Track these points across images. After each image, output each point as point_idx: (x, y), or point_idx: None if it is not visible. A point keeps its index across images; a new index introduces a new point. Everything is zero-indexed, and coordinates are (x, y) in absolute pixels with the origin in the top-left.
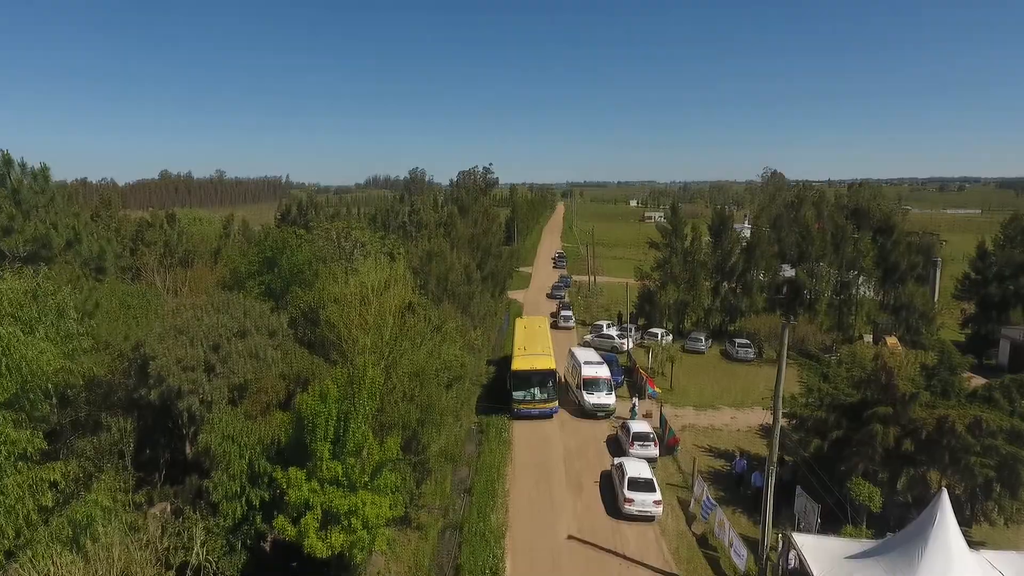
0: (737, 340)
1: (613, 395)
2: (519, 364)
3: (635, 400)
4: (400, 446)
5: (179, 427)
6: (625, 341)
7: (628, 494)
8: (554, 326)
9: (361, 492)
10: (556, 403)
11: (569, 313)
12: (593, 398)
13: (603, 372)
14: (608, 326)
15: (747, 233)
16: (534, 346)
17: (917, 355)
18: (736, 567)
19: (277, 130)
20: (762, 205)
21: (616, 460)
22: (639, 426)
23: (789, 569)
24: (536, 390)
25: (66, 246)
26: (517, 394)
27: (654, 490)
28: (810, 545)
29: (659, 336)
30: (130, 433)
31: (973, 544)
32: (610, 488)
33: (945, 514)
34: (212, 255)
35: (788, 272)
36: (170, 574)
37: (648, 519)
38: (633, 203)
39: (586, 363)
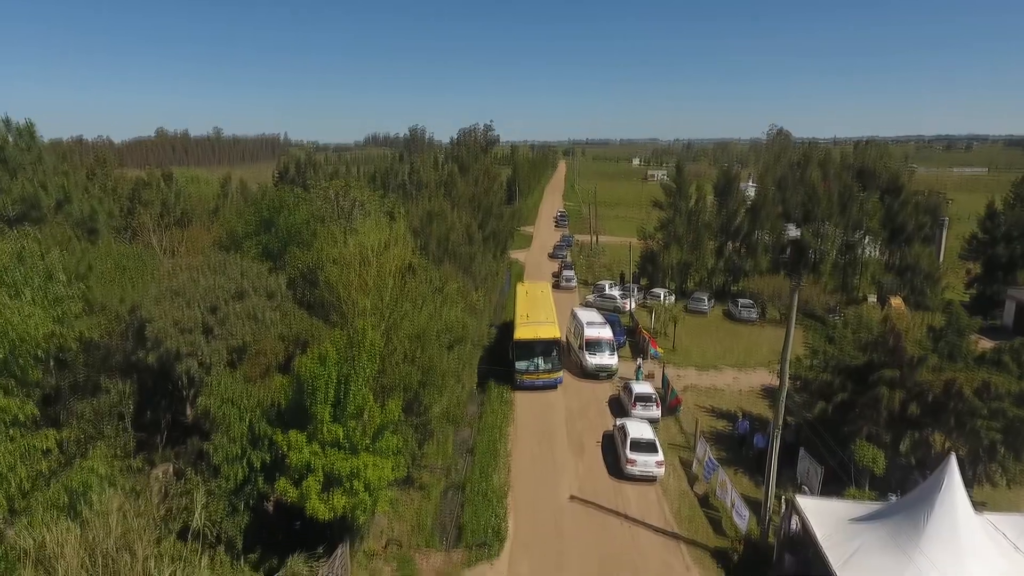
0: (740, 301)
1: (615, 356)
2: (522, 333)
3: (640, 361)
4: (402, 408)
5: (179, 389)
6: (627, 302)
7: (630, 455)
8: (556, 286)
9: (363, 455)
10: (561, 373)
11: (571, 273)
12: (595, 359)
13: (605, 333)
14: (610, 286)
15: (751, 193)
16: (537, 313)
17: (924, 317)
18: (738, 528)
19: (275, 86)
20: (767, 164)
21: (618, 421)
22: (641, 387)
23: (791, 531)
24: (540, 360)
25: (56, 207)
26: (520, 364)
27: (656, 451)
28: (813, 508)
29: (662, 296)
30: (129, 396)
31: (975, 505)
32: (612, 449)
33: (953, 479)
34: (210, 215)
35: (793, 232)
36: (171, 538)
37: (650, 480)
38: (636, 161)
39: (588, 324)
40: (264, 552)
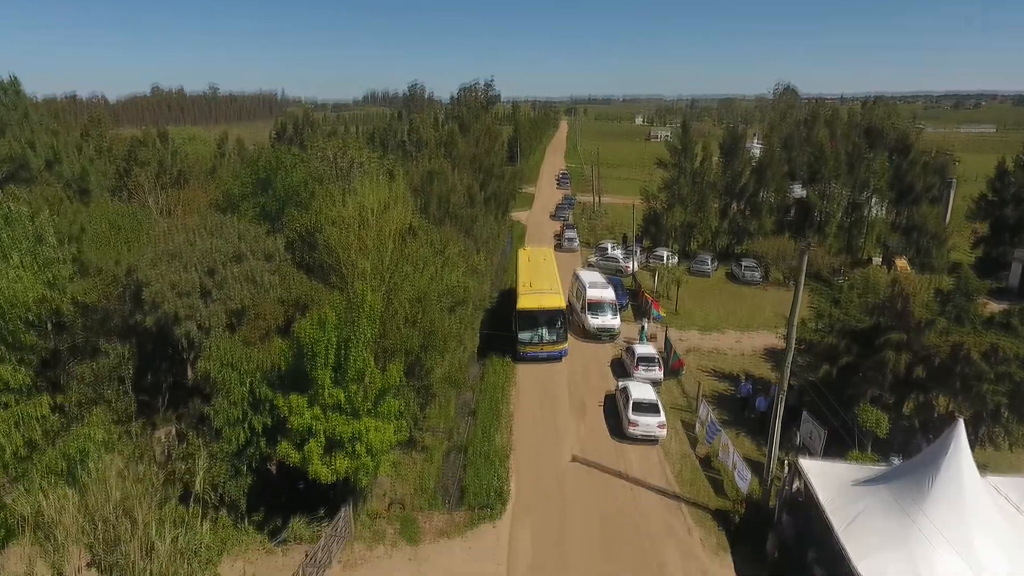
0: (744, 262)
1: (618, 318)
2: (525, 302)
3: (644, 322)
4: (403, 371)
5: (179, 352)
6: (630, 263)
7: (632, 417)
8: (558, 247)
9: (364, 418)
10: (566, 344)
11: (573, 235)
12: (597, 321)
13: (608, 295)
14: (613, 248)
15: (756, 152)
16: (540, 281)
17: (932, 279)
18: (739, 489)
19: (271, 41)
20: (773, 122)
21: (620, 383)
22: (644, 349)
23: (794, 494)
24: (544, 331)
25: (46, 166)
26: (523, 335)
27: (658, 413)
28: (816, 471)
29: (665, 258)
30: (128, 359)
31: (978, 468)
32: (614, 411)
33: (960, 443)
34: (207, 175)
35: (799, 192)
36: (172, 502)
37: (652, 441)
38: (638, 120)
39: (591, 286)
40: (268, 513)
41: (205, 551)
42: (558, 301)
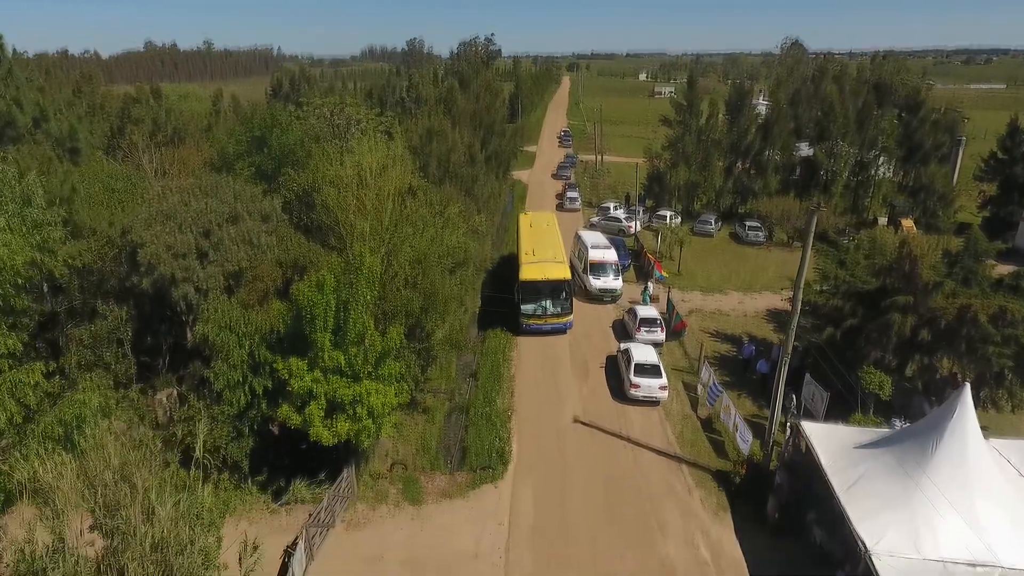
0: (748, 222)
1: (620, 279)
2: (529, 273)
3: (650, 284)
4: (404, 334)
5: (178, 314)
6: (633, 224)
7: (634, 379)
8: (559, 207)
9: (365, 381)
10: (571, 316)
11: (575, 194)
12: (599, 282)
13: (610, 256)
14: (615, 208)
15: (762, 109)
16: (544, 250)
17: (940, 240)
18: (740, 451)
19: None
20: (780, 78)
21: (622, 345)
22: (646, 311)
23: (794, 456)
24: (548, 303)
25: (33, 125)
26: (526, 307)
27: (660, 375)
28: (818, 433)
29: (668, 218)
30: (127, 321)
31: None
32: (616, 373)
33: (966, 407)
34: (203, 133)
35: (805, 151)
36: (173, 466)
37: (653, 403)
38: (642, 76)
39: (593, 246)
40: (271, 474)
41: (207, 514)
42: (563, 271)
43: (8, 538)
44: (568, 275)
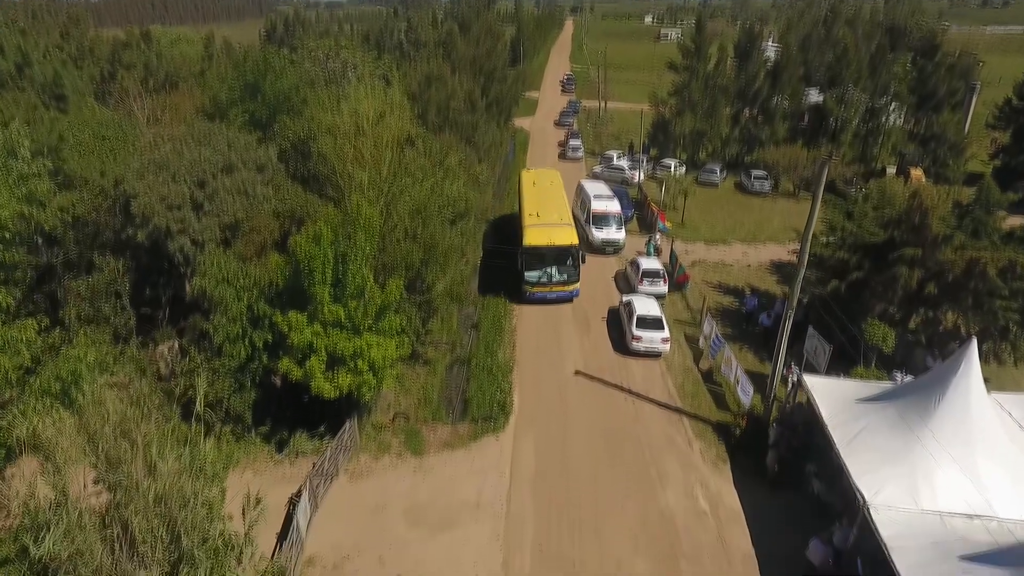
0: (753, 172)
1: (623, 231)
2: (533, 238)
3: (656, 237)
4: (404, 287)
5: (176, 266)
6: (636, 173)
7: (636, 332)
8: (562, 156)
9: (366, 335)
10: (578, 284)
11: (578, 143)
12: (602, 233)
13: (613, 207)
14: (619, 157)
15: (771, 54)
16: (548, 212)
17: (951, 191)
18: (741, 403)
19: None
20: (791, 22)
21: (624, 297)
22: (648, 263)
23: (795, 409)
24: (554, 270)
25: (16, 71)
26: (530, 275)
27: (662, 328)
28: (820, 387)
29: (672, 168)
30: (124, 274)
31: None
32: (618, 325)
33: (971, 363)
34: (196, 79)
35: (815, 97)
36: (175, 420)
37: (655, 356)
38: (648, 19)
39: (595, 197)
40: (274, 426)
41: (210, 467)
42: (570, 236)
43: (11, 491)
44: (575, 240)
